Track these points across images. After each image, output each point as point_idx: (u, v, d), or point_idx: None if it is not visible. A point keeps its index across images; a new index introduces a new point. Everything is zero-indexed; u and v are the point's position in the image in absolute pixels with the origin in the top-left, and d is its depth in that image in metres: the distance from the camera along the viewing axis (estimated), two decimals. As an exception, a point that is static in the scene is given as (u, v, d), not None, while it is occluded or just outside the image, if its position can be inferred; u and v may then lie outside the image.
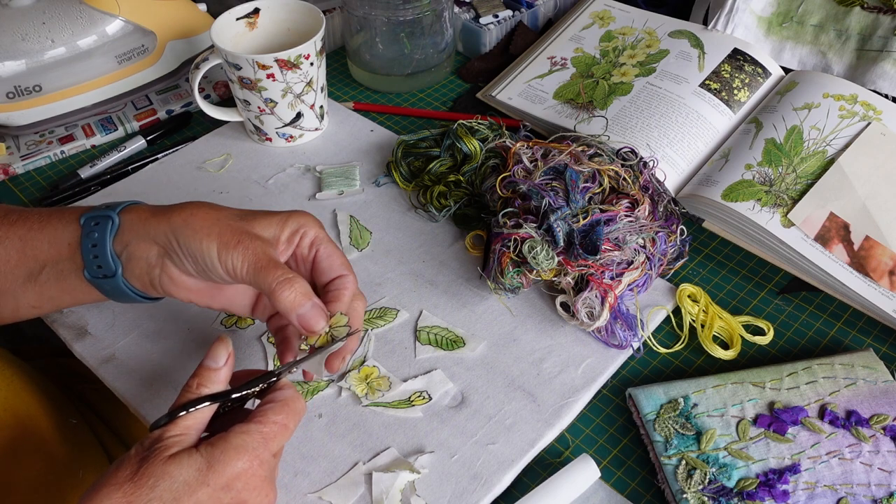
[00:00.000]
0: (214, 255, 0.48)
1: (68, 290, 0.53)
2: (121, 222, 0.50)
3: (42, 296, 0.53)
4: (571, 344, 0.60)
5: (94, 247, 0.50)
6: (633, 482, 0.53)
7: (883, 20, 0.76)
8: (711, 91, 0.75)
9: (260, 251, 0.48)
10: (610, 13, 0.86)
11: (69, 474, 0.58)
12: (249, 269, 0.48)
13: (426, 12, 0.82)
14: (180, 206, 0.50)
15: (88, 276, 0.51)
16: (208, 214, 0.49)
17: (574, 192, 0.62)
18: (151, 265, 0.50)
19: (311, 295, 0.48)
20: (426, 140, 0.76)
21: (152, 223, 0.50)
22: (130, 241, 0.50)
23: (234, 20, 0.76)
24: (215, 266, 0.48)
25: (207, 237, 0.48)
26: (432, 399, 0.56)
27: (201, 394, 0.45)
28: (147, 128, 0.83)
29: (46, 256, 0.52)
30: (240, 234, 0.48)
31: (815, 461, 0.51)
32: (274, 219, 0.51)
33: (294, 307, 0.47)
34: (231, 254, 0.48)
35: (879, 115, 0.69)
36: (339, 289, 0.51)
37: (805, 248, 0.61)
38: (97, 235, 0.50)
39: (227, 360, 0.46)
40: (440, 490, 0.51)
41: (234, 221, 0.49)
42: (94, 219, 0.51)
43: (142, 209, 0.51)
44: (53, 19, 0.77)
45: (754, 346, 0.60)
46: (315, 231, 0.52)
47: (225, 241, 0.48)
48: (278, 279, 0.47)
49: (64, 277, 0.52)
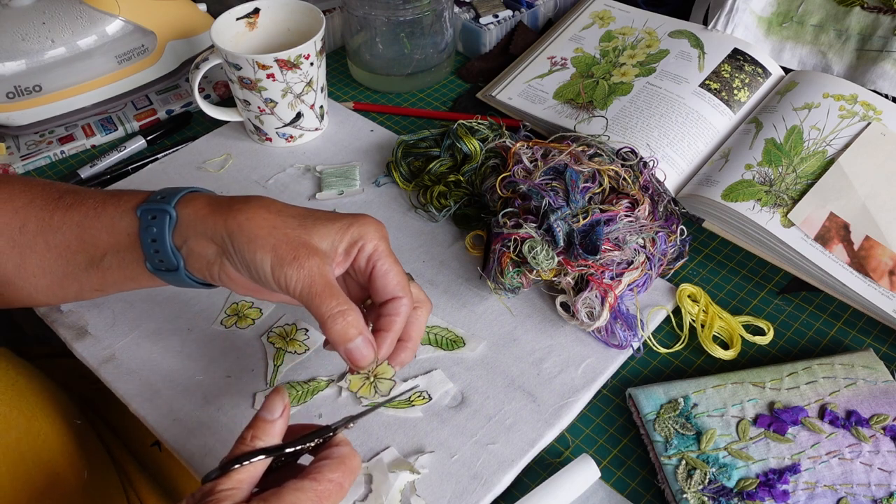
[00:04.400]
0: (268, 269, 0.46)
1: (131, 278, 0.52)
2: (178, 217, 0.49)
3: (105, 280, 0.53)
4: (571, 344, 0.60)
5: (154, 241, 0.49)
6: (633, 482, 0.53)
7: (883, 20, 0.76)
8: (711, 91, 0.75)
9: (316, 272, 0.46)
10: (610, 13, 0.86)
11: (74, 475, 0.58)
12: (304, 291, 0.46)
13: (426, 12, 0.82)
14: (240, 203, 0.48)
15: (151, 267, 0.50)
16: (266, 220, 0.47)
17: (574, 192, 0.62)
18: (210, 262, 0.49)
19: (362, 328, 0.47)
20: (426, 140, 0.76)
21: (210, 221, 0.48)
22: (189, 236, 0.49)
23: (234, 20, 0.76)
24: (268, 280, 0.47)
25: (262, 248, 0.46)
26: (432, 399, 0.56)
27: (255, 446, 0.43)
28: (147, 128, 0.83)
29: (106, 244, 0.51)
30: (297, 248, 0.46)
31: (815, 461, 0.51)
32: (334, 226, 0.48)
33: (344, 340, 0.46)
34: (286, 270, 0.46)
35: (879, 115, 0.69)
36: (391, 315, 0.49)
37: (805, 248, 0.61)
38: (156, 230, 0.49)
39: (282, 412, 0.44)
40: (440, 490, 0.51)
41: (291, 230, 0.47)
42: (151, 212, 0.49)
43: (199, 202, 0.49)
44: (53, 19, 0.77)
45: (754, 346, 0.60)
46: (374, 244, 0.49)
47: (280, 256, 0.46)
48: (332, 310, 0.46)
49: (126, 266, 0.51)
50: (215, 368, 0.59)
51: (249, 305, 0.63)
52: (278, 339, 0.61)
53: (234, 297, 0.64)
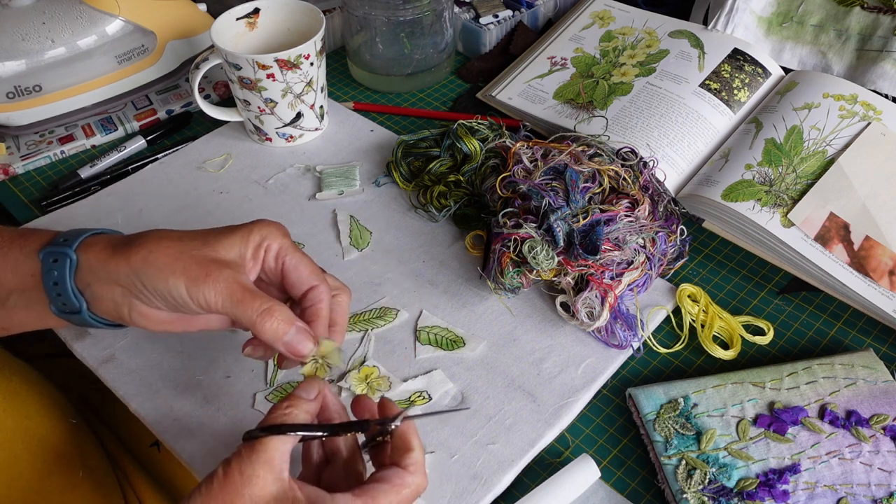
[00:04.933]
0: (184, 292, 0.46)
1: (37, 317, 0.52)
2: (79, 261, 0.48)
3: (11, 319, 0.52)
4: (571, 344, 0.60)
5: (56, 285, 0.48)
6: (633, 482, 0.53)
7: (883, 20, 0.76)
8: (711, 91, 0.75)
9: (232, 281, 0.46)
10: (610, 13, 0.86)
11: (69, 474, 0.58)
12: (225, 302, 0.46)
13: (426, 12, 0.82)
14: (139, 241, 0.48)
15: (55, 310, 0.50)
16: (169, 248, 0.47)
17: (574, 192, 0.62)
18: (118, 304, 0.48)
19: (292, 320, 0.47)
20: (426, 140, 0.76)
21: (111, 265, 0.47)
22: (91, 282, 0.48)
23: (234, 20, 0.76)
24: (186, 302, 0.46)
25: (173, 275, 0.46)
26: (432, 399, 0.56)
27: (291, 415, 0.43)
28: (147, 128, 0.83)
29: (11, 284, 0.50)
30: (207, 266, 0.46)
31: (815, 461, 0.51)
32: (236, 236, 0.49)
33: (278, 336, 0.46)
34: (201, 289, 0.46)
35: (879, 115, 0.69)
36: (314, 304, 0.49)
37: (805, 248, 0.61)
38: (56, 273, 0.48)
39: (317, 395, 0.45)
40: (440, 490, 0.51)
41: (196, 251, 0.47)
42: (53, 255, 0.48)
43: (99, 245, 0.49)
44: (53, 19, 0.77)
45: (754, 346, 0.60)
46: (279, 242, 0.50)
47: (193, 277, 0.46)
48: (258, 311, 0.46)
49: (31, 306, 0.51)
50: (215, 368, 0.59)
51: (249, 305, 0.63)
52: (278, 339, 0.60)
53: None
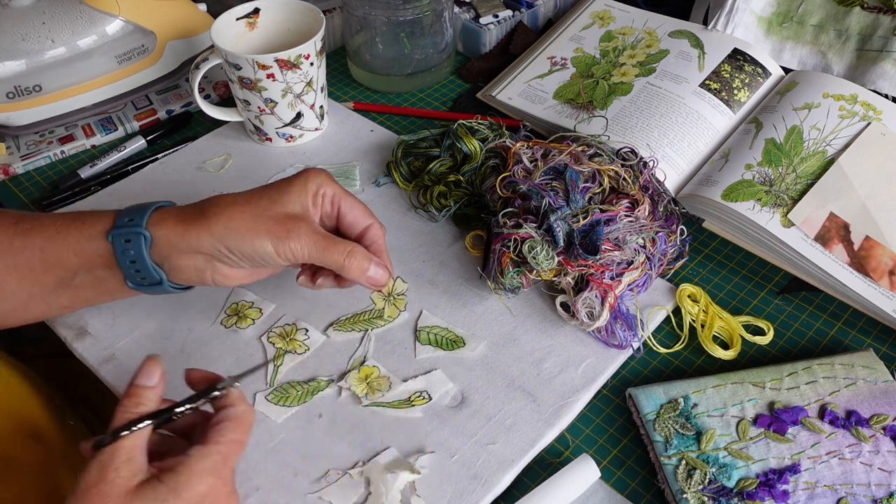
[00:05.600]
0: (271, 251, 0.51)
1: (106, 292, 0.55)
2: (153, 238, 0.51)
3: (76, 298, 0.55)
4: (571, 344, 0.60)
5: (134, 262, 0.51)
6: (633, 482, 0.53)
7: (883, 20, 0.76)
8: (711, 91, 0.75)
9: (311, 232, 0.52)
10: (610, 13, 0.86)
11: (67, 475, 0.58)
12: (312, 252, 0.52)
13: (426, 12, 0.82)
14: (212, 211, 0.51)
15: (132, 284, 0.53)
16: (244, 213, 0.51)
17: (574, 192, 0.62)
18: (201, 270, 0.52)
19: (370, 257, 0.53)
20: (426, 140, 0.76)
21: (191, 236, 0.51)
22: (170, 254, 0.51)
23: (234, 20, 0.76)
24: (274, 259, 0.51)
25: (258, 236, 0.51)
26: (432, 399, 0.56)
27: (141, 412, 0.44)
28: (147, 128, 0.83)
29: (76, 265, 0.52)
30: (286, 223, 0.51)
31: (815, 461, 0.51)
32: (294, 189, 0.53)
33: (363, 272, 0.53)
34: (287, 245, 0.51)
35: (879, 115, 0.69)
36: (374, 241, 0.56)
37: (805, 248, 0.61)
38: (133, 252, 0.51)
39: (159, 378, 0.46)
40: (440, 490, 0.51)
41: (270, 210, 0.52)
42: (124, 236, 0.51)
43: (170, 220, 0.51)
44: (53, 19, 0.77)
45: (754, 346, 0.60)
46: (332, 188, 0.55)
47: (277, 235, 0.51)
48: (343, 253, 0.52)
49: (101, 282, 0.53)
50: (215, 368, 0.59)
51: (249, 305, 0.63)
52: (278, 339, 0.61)
53: (235, 296, 0.64)
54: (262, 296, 0.64)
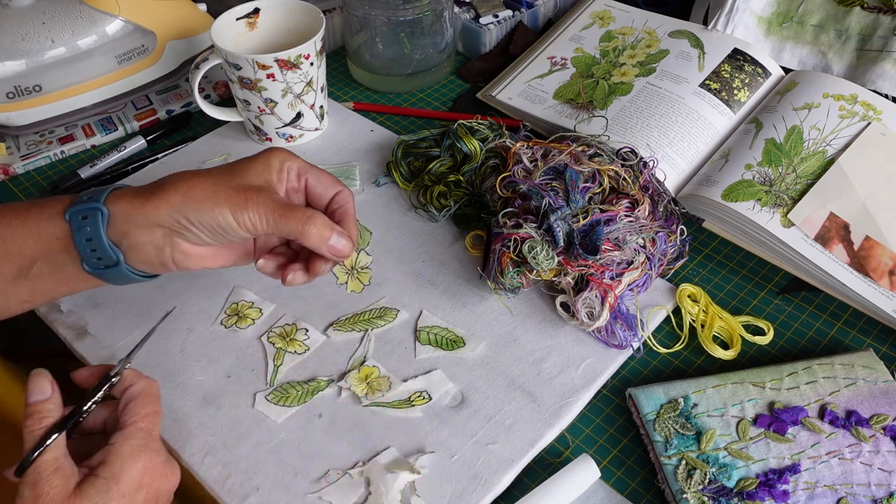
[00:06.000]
0: (230, 219, 0.50)
1: (65, 282, 0.52)
2: (111, 213, 0.50)
3: (35, 290, 0.53)
4: (571, 344, 0.60)
5: (90, 241, 0.50)
6: (633, 482, 0.53)
7: (883, 20, 0.76)
8: (711, 91, 0.75)
9: (270, 201, 0.50)
10: (610, 13, 0.86)
11: None
12: (269, 220, 0.50)
13: (426, 12, 0.82)
14: (170, 183, 0.50)
15: (88, 268, 0.51)
16: (204, 183, 0.50)
17: (574, 192, 0.62)
18: (160, 247, 0.50)
19: (332, 225, 0.52)
20: (426, 140, 0.76)
21: (149, 208, 0.49)
22: (129, 230, 0.50)
23: (234, 20, 0.76)
24: (234, 229, 0.50)
25: (216, 205, 0.49)
26: (432, 399, 0.56)
27: (44, 426, 0.46)
28: (147, 128, 0.83)
29: (34, 252, 0.51)
30: (245, 192, 0.50)
31: (815, 461, 0.51)
32: (258, 164, 0.53)
33: (324, 240, 0.51)
34: (246, 213, 0.50)
35: (879, 115, 0.69)
36: (341, 205, 0.55)
37: (805, 248, 0.61)
38: (90, 229, 0.49)
39: (51, 388, 0.47)
40: (440, 490, 0.51)
41: (230, 181, 0.51)
42: (81, 212, 0.50)
43: (128, 195, 0.50)
44: (53, 19, 0.77)
45: (754, 346, 0.60)
46: (297, 163, 0.54)
47: (235, 204, 0.50)
48: (301, 220, 0.50)
49: (59, 269, 0.51)
50: (215, 368, 0.59)
51: (249, 305, 0.63)
52: (278, 339, 0.61)
53: (235, 296, 0.64)
54: (262, 296, 0.64)
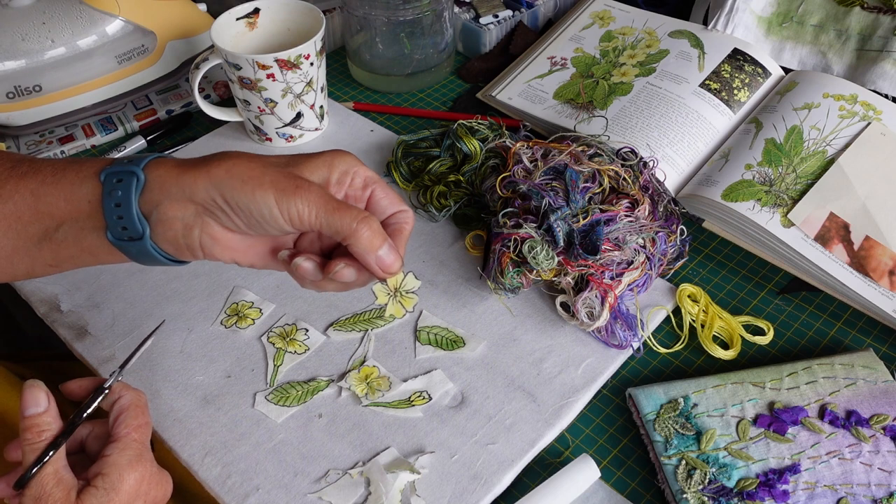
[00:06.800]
0: (273, 205, 0.44)
1: (89, 250, 0.49)
2: (147, 180, 0.45)
3: (59, 254, 0.49)
4: (571, 344, 0.60)
5: (118, 206, 0.45)
6: (633, 482, 0.53)
7: (883, 20, 0.76)
8: (711, 91, 0.75)
9: (323, 193, 0.45)
10: (610, 13, 0.86)
11: None
12: (319, 213, 0.44)
13: (426, 12, 0.82)
14: (216, 158, 0.46)
15: (112, 237, 0.47)
16: (252, 163, 0.45)
17: (574, 192, 0.62)
18: (189, 226, 0.46)
19: (386, 235, 0.46)
20: (426, 140, 0.76)
21: (186, 179, 0.45)
22: (161, 201, 0.45)
23: (234, 20, 0.76)
24: (275, 217, 0.45)
25: (261, 187, 0.44)
26: (432, 399, 0.56)
27: (43, 439, 0.46)
28: (147, 128, 0.83)
29: (63, 214, 0.47)
30: (296, 180, 0.45)
31: (815, 461, 0.51)
32: (319, 161, 0.47)
33: (374, 247, 0.45)
34: (293, 201, 0.44)
35: (879, 115, 0.69)
36: (400, 222, 0.49)
37: (805, 248, 0.61)
38: (121, 194, 0.45)
39: (47, 400, 0.47)
40: (440, 490, 0.51)
41: (284, 168, 0.46)
42: (117, 175, 0.46)
43: (169, 164, 0.46)
44: (53, 19, 0.77)
45: (754, 346, 0.60)
46: (365, 171, 0.49)
47: (282, 189, 0.44)
48: (356, 220, 0.45)
49: (84, 237, 0.48)
50: (215, 368, 0.59)
51: (249, 305, 0.63)
52: (278, 339, 0.61)
53: (235, 296, 0.64)
54: (262, 296, 0.64)
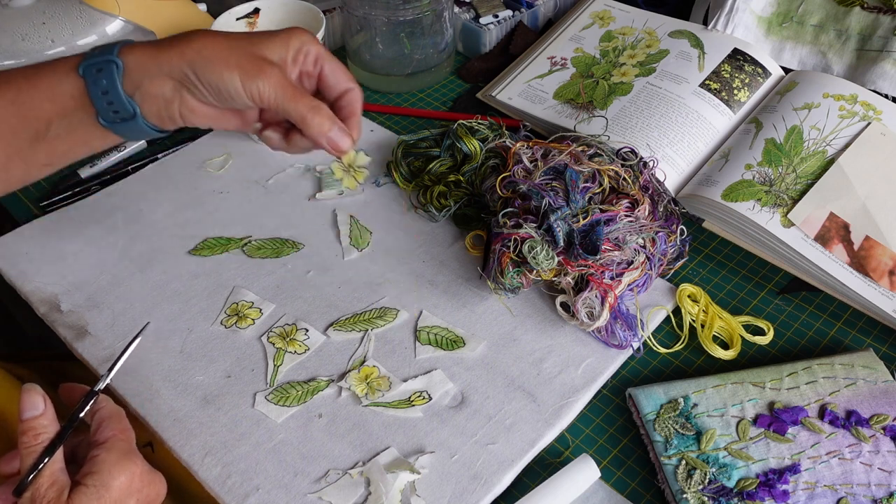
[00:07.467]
0: (238, 86, 0.49)
1: (82, 141, 0.53)
2: (125, 64, 0.50)
3: (53, 152, 0.53)
4: (571, 344, 0.60)
5: (106, 94, 0.50)
6: (633, 482, 0.53)
7: (883, 20, 0.76)
8: (711, 91, 0.75)
9: (282, 78, 0.50)
10: (610, 13, 0.86)
11: None
12: (277, 96, 0.50)
13: (426, 12, 0.82)
14: (186, 38, 0.50)
15: (104, 122, 0.51)
16: (220, 43, 0.50)
17: (574, 192, 0.62)
18: (168, 100, 0.51)
19: (335, 119, 0.52)
20: (426, 140, 0.76)
21: (163, 59, 0.49)
22: (142, 80, 0.50)
23: (234, 20, 0.76)
24: (240, 95, 0.50)
25: (227, 68, 0.49)
26: (432, 399, 0.56)
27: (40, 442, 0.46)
28: (147, 128, 0.83)
29: (50, 113, 0.50)
30: (259, 62, 0.50)
31: (815, 461, 0.51)
32: (277, 40, 0.52)
33: (323, 132, 0.52)
34: (256, 83, 0.49)
35: (879, 115, 0.69)
36: (350, 103, 0.55)
37: (805, 248, 0.61)
38: (105, 82, 0.49)
39: (45, 402, 0.47)
40: (440, 490, 0.51)
41: (247, 47, 0.50)
42: (96, 66, 0.49)
43: (141, 47, 0.50)
44: (53, 19, 0.77)
45: (754, 346, 0.60)
46: (316, 47, 0.54)
47: (246, 71, 0.49)
48: (308, 106, 0.51)
49: (76, 128, 0.51)
50: (215, 368, 0.59)
51: (249, 305, 0.63)
52: (278, 339, 0.61)
53: (235, 296, 0.64)
54: (262, 296, 0.64)
